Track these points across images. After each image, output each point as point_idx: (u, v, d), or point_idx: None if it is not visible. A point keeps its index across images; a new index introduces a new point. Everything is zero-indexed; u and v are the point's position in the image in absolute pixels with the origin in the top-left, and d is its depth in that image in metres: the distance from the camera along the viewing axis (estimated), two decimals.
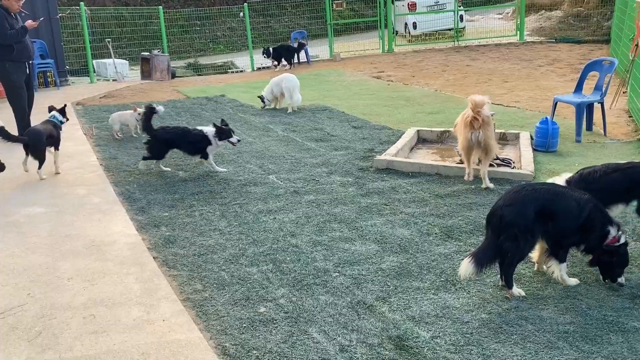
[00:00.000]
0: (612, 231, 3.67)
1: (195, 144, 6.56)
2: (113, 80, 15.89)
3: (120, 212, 5.45)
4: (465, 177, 5.96)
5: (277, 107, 10.50)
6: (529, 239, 3.68)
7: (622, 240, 3.69)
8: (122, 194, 5.98)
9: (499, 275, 3.82)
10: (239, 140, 6.66)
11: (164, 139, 6.60)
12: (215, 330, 3.44)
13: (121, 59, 17.38)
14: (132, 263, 4.35)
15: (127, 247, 4.64)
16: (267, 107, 10.45)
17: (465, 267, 3.58)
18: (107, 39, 16.19)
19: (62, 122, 6.97)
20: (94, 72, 16.16)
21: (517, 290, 3.74)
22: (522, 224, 3.64)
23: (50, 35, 14.40)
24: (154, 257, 4.45)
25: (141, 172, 6.74)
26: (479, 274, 3.70)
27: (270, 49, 16.54)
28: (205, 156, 6.61)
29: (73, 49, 16.60)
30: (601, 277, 3.82)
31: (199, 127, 6.70)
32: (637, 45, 8.13)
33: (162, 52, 16.50)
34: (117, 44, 17.66)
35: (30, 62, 8.06)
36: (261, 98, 10.46)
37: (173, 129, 6.83)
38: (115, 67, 15.96)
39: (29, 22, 7.79)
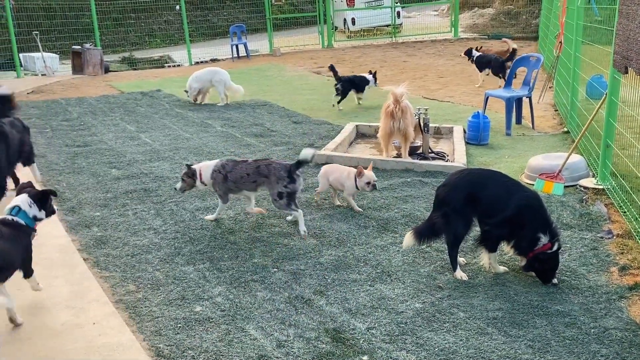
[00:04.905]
0: (543, 238, 3.67)
1: None
2: (42, 75, 15.16)
3: None
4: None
5: (201, 102, 10.27)
6: (458, 219, 3.83)
7: (555, 248, 3.68)
8: None
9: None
10: None
11: None
12: (149, 331, 3.35)
13: (51, 52, 16.58)
14: (60, 265, 4.17)
15: (56, 249, 4.44)
16: (198, 101, 10.21)
17: (407, 239, 4.01)
18: (34, 32, 15.41)
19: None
20: (21, 66, 15.35)
21: (459, 273, 3.87)
22: (451, 204, 3.83)
23: None
24: (84, 259, 4.28)
25: (72, 170, 6.46)
26: (420, 245, 4.11)
27: None
28: None
29: None
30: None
31: None
32: (560, 42, 8.53)
33: (95, 46, 15.87)
34: (46, 37, 16.82)
35: None
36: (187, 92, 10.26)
37: None
38: (45, 61, 15.22)
39: None
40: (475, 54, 11.25)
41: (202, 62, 17.04)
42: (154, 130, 8.41)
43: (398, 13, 20.66)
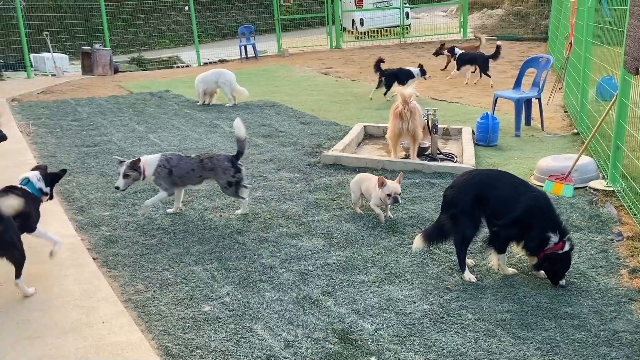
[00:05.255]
0: (554, 237, 3.64)
1: None
2: (52, 75, 15.28)
3: (58, 212, 5.25)
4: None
5: (209, 103, 10.31)
6: (467, 221, 3.82)
7: (566, 248, 3.64)
8: (61, 193, 5.76)
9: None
10: None
11: None
12: (157, 330, 3.36)
13: (61, 53, 16.71)
14: (70, 264, 4.19)
15: (65, 248, 4.46)
16: (206, 102, 10.28)
17: (417, 242, 4.02)
18: (45, 32, 15.53)
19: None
20: (32, 66, 15.47)
21: (468, 275, 3.86)
22: (459, 205, 3.83)
23: None
24: (93, 258, 4.31)
25: (82, 170, 6.51)
26: (429, 248, 4.12)
27: None
28: None
29: (8, 42, 15.84)
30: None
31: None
32: (570, 43, 8.49)
33: (104, 46, 15.97)
34: (56, 38, 16.96)
35: None
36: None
37: None
38: (55, 62, 15.34)
39: None
40: (458, 51, 11.52)
41: (210, 62, 17.10)
42: (162, 130, 8.45)
43: (407, 14, 20.63)
